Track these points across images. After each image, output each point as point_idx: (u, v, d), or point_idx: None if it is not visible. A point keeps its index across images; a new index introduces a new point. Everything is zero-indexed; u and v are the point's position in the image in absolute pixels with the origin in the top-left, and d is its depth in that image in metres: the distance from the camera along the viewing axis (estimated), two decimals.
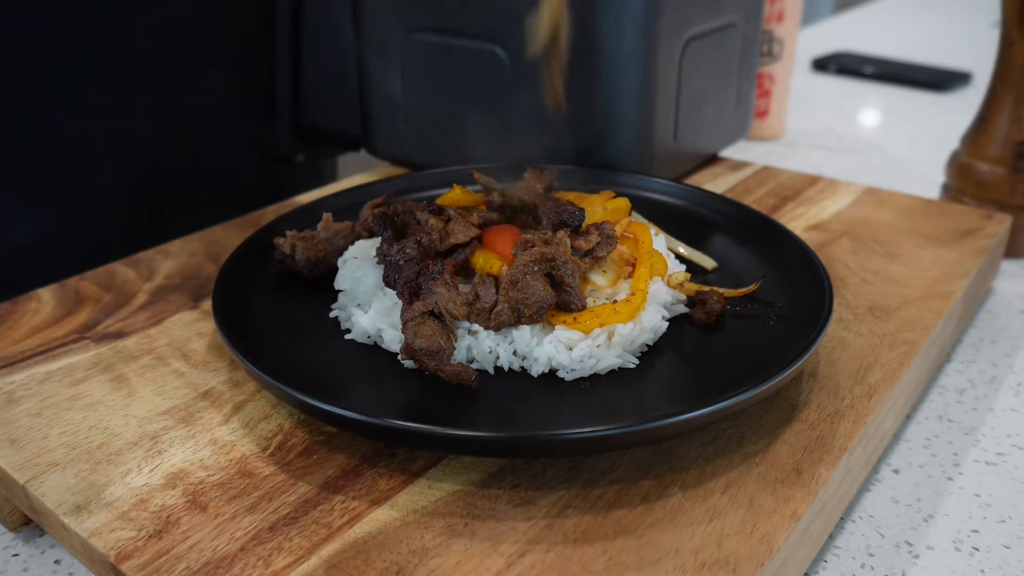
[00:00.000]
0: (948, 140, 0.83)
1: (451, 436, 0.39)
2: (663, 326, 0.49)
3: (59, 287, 0.58)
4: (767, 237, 0.58)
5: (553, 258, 0.46)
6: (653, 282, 0.50)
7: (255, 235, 0.57)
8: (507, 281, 0.45)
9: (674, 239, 0.58)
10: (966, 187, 0.74)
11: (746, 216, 0.61)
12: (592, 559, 0.36)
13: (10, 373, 0.49)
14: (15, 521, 0.45)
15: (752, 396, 0.40)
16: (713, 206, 0.63)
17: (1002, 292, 0.69)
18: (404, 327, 0.45)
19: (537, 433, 0.40)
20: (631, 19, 0.64)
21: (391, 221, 0.51)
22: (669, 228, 0.59)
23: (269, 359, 0.44)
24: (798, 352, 0.43)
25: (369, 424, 0.40)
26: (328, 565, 0.36)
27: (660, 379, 0.46)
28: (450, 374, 0.44)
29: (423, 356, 0.44)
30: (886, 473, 0.49)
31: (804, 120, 1.12)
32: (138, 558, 0.36)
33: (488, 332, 0.46)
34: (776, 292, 0.52)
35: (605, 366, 0.45)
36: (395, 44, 0.73)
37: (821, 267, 0.51)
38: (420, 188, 0.66)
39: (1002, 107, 0.72)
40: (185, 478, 0.41)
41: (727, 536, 0.37)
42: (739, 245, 0.59)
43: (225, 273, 0.52)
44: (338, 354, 0.48)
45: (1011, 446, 0.52)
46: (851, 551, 0.44)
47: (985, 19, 1.65)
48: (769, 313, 0.50)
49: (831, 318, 0.47)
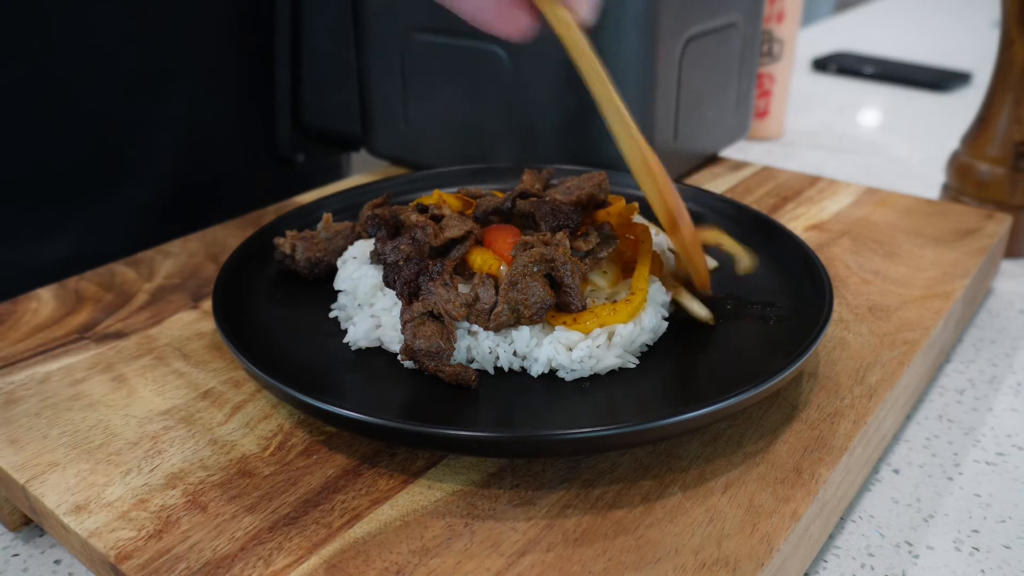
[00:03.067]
0: (948, 140, 0.84)
1: (451, 436, 0.39)
2: (663, 326, 0.49)
3: (59, 287, 0.58)
4: (767, 237, 0.58)
5: (552, 259, 0.46)
6: (652, 282, 0.50)
7: (255, 235, 0.57)
8: (506, 282, 0.45)
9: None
10: (966, 187, 0.74)
11: (746, 216, 0.61)
12: (592, 559, 0.36)
13: (10, 373, 0.49)
14: (15, 521, 0.45)
15: (752, 396, 0.40)
16: (713, 206, 0.63)
17: (1002, 292, 0.69)
18: (404, 328, 0.45)
19: (537, 433, 0.40)
20: (631, 19, 0.64)
21: (384, 222, 0.51)
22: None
23: (269, 359, 0.44)
24: (798, 352, 0.43)
25: (369, 424, 0.39)
26: (328, 565, 0.36)
27: (660, 379, 0.46)
28: (450, 375, 0.44)
29: (423, 357, 0.44)
30: (886, 473, 0.49)
31: (804, 120, 1.12)
32: (138, 558, 0.36)
33: (488, 333, 0.46)
34: (776, 292, 0.52)
35: (605, 366, 0.45)
36: (395, 44, 0.73)
37: (821, 267, 0.51)
38: (420, 189, 0.66)
39: (1002, 107, 0.72)
40: (185, 478, 0.41)
41: (727, 536, 0.37)
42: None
43: (225, 273, 0.52)
44: (338, 354, 0.48)
45: (1011, 446, 0.52)
46: (851, 551, 0.44)
47: (985, 19, 1.65)
48: (769, 313, 0.50)
49: (831, 318, 0.47)
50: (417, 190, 0.66)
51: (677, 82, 0.70)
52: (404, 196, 0.64)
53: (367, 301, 0.50)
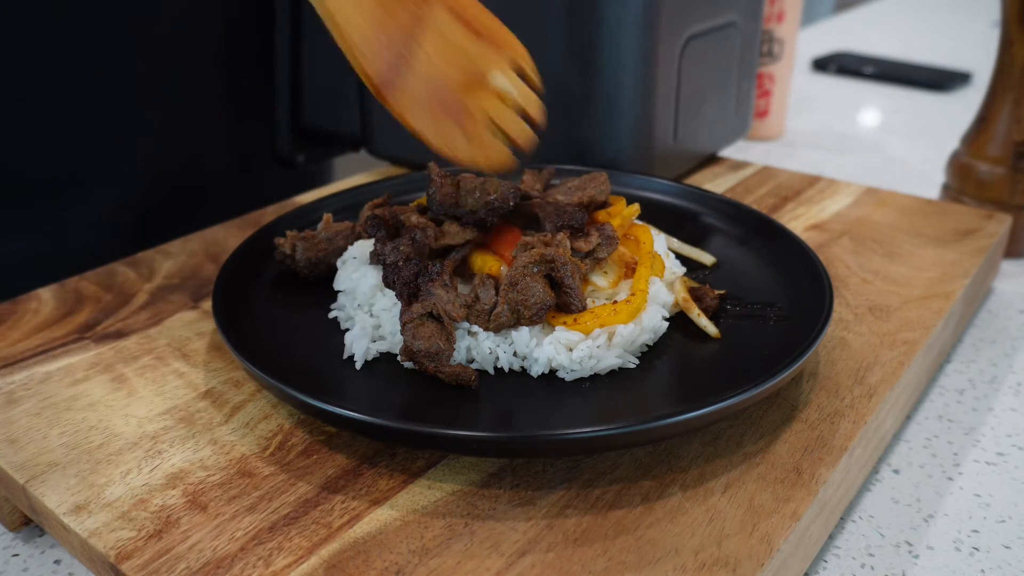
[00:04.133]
0: (948, 140, 0.84)
1: (451, 436, 0.39)
2: (663, 326, 0.49)
3: (59, 287, 0.58)
4: (767, 237, 0.58)
5: (553, 259, 0.46)
6: (653, 283, 0.50)
7: (255, 235, 0.57)
8: (506, 282, 0.45)
9: (670, 236, 0.58)
10: (966, 187, 0.74)
11: (746, 216, 0.61)
12: (592, 559, 0.36)
13: (10, 373, 0.49)
14: (15, 521, 0.45)
15: (752, 396, 0.40)
16: (713, 206, 0.63)
17: (1002, 292, 0.69)
18: (403, 329, 0.45)
19: (537, 433, 0.40)
20: (631, 18, 0.64)
21: (384, 222, 0.51)
22: (668, 228, 0.59)
23: (269, 359, 0.44)
24: (798, 353, 0.43)
25: (369, 424, 0.40)
26: (328, 565, 0.36)
27: (660, 379, 0.46)
28: (450, 375, 0.44)
29: (422, 357, 0.44)
30: (886, 473, 0.49)
31: (804, 120, 1.12)
32: (138, 558, 0.36)
33: (488, 333, 0.46)
34: (776, 292, 0.52)
35: (605, 366, 0.45)
36: None
37: (821, 267, 0.51)
38: (420, 189, 0.66)
39: (1002, 107, 0.72)
40: (185, 478, 0.41)
41: (727, 536, 0.37)
42: (739, 245, 0.59)
43: (225, 273, 0.52)
44: (338, 354, 0.48)
45: (1011, 446, 0.52)
46: (851, 551, 0.44)
47: (985, 19, 1.65)
48: (769, 313, 0.50)
49: (831, 318, 0.47)
50: (417, 190, 0.66)
51: (677, 81, 0.70)
52: (404, 196, 0.64)
53: (367, 302, 0.50)
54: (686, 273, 0.55)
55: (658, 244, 0.54)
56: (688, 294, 0.50)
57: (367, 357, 0.47)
